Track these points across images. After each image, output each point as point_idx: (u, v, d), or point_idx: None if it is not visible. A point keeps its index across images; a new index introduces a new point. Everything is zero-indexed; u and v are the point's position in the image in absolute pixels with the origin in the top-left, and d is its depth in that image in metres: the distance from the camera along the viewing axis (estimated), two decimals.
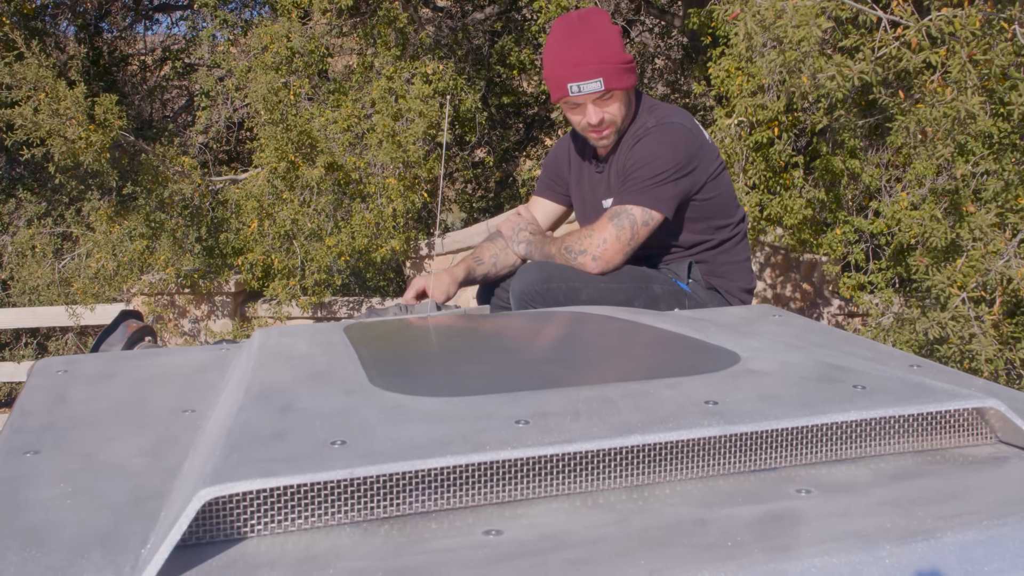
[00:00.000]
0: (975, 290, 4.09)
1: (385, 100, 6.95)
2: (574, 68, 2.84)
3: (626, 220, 2.84)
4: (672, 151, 2.88)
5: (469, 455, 1.08)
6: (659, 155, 2.87)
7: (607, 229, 2.84)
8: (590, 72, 2.83)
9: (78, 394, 1.57)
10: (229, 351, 1.84)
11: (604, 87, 2.84)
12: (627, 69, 2.88)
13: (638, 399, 1.25)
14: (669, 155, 2.87)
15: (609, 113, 2.90)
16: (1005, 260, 3.94)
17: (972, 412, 1.31)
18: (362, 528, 1.07)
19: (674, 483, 1.18)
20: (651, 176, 2.85)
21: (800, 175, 5.88)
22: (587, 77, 2.83)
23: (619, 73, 2.86)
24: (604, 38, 2.87)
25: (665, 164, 2.86)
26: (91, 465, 1.23)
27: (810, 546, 0.99)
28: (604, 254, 2.83)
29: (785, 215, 5.75)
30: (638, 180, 2.87)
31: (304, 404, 1.29)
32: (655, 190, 2.85)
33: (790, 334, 1.83)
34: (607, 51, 2.85)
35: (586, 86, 2.84)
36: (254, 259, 6.76)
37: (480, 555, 0.99)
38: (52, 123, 6.25)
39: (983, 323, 4.07)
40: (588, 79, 2.83)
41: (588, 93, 2.85)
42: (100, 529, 1.04)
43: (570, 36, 2.89)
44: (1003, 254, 3.98)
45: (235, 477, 1.02)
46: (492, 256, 3.17)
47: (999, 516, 1.07)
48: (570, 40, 2.88)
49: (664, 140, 2.90)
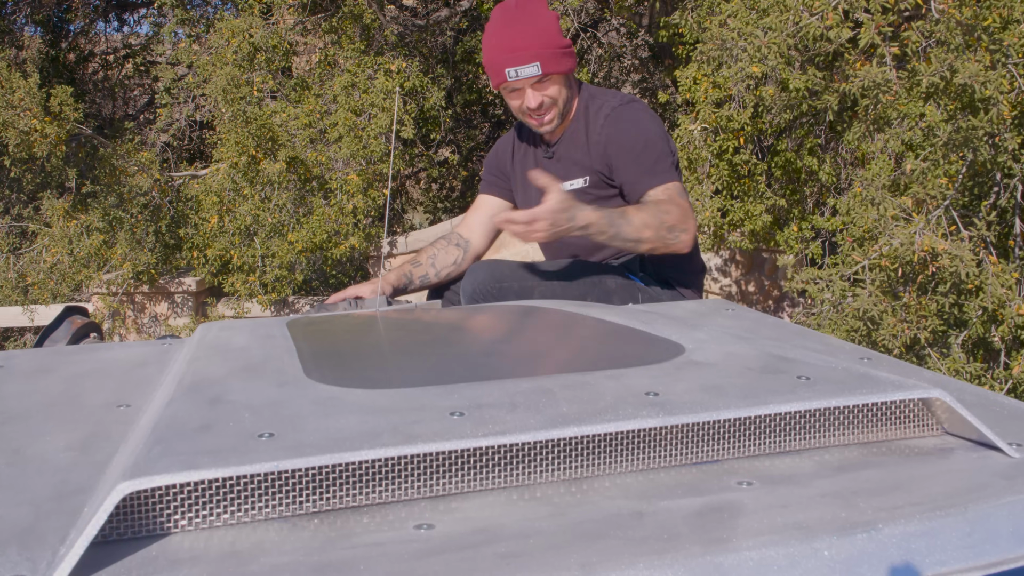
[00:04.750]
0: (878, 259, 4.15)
1: (347, 94, 6.91)
2: (511, 53, 2.84)
3: (687, 200, 2.87)
4: (657, 125, 2.94)
5: (400, 447, 1.05)
6: (655, 131, 2.92)
7: (689, 211, 2.80)
8: (527, 57, 2.83)
9: (11, 389, 1.53)
10: (171, 346, 1.80)
11: (541, 71, 2.85)
12: (565, 53, 2.89)
13: (577, 390, 1.23)
14: (658, 128, 2.93)
15: (548, 96, 2.90)
16: (909, 235, 3.99)
17: (917, 403, 1.29)
18: (290, 523, 1.04)
19: (613, 476, 1.15)
20: (661, 151, 2.89)
21: (763, 180, 5.92)
22: (524, 62, 2.84)
23: (556, 57, 2.86)
24: (540, 23, 2.87)
25: (662, 137, 2.92)
26: (17, 460, 1.19)
27: (748, 538, 0.97)
28: (695, 235, 2.85)
29: (747, 220, 5.79)
30: (652, 155, 2.88)
31: (235, 396, 1.25)
32: (674, 167, 2.91)
33: (740, 327, 1.82)
34: (543, 36, 2.85)
35: (523, 70, 2.84)
36: (212, 254, 6.70)
37: (410, 549, 0.97)
38: (6, 115, 6.16)
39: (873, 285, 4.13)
40: (525, 63, 2.84)
41: (525, 78, 2.85)
42: (19, 525, 1.01)
43: (507, 22, 2.89)
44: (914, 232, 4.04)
45: (156, 471, 0.99)
46: (430, 257, 3.13)
47: (941, 508, 1.05)
48: (507, 26, 2.88)
49: (645, 116, 2.94)
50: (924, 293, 4.33)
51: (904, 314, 4.20)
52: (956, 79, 3.80)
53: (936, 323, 4.20)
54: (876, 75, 4.01)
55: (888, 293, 4.22)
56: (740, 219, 5.84)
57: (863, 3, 4.12)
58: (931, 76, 3.90)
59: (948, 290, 4.17)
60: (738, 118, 5.50)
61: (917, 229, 3.99)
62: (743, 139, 5.74)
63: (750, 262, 7.09)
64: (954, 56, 3.87)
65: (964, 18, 3.87)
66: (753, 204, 5.76)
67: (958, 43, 3.93)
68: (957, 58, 3.86)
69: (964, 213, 4.40)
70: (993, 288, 3.87)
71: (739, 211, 5.80)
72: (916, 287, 4.30)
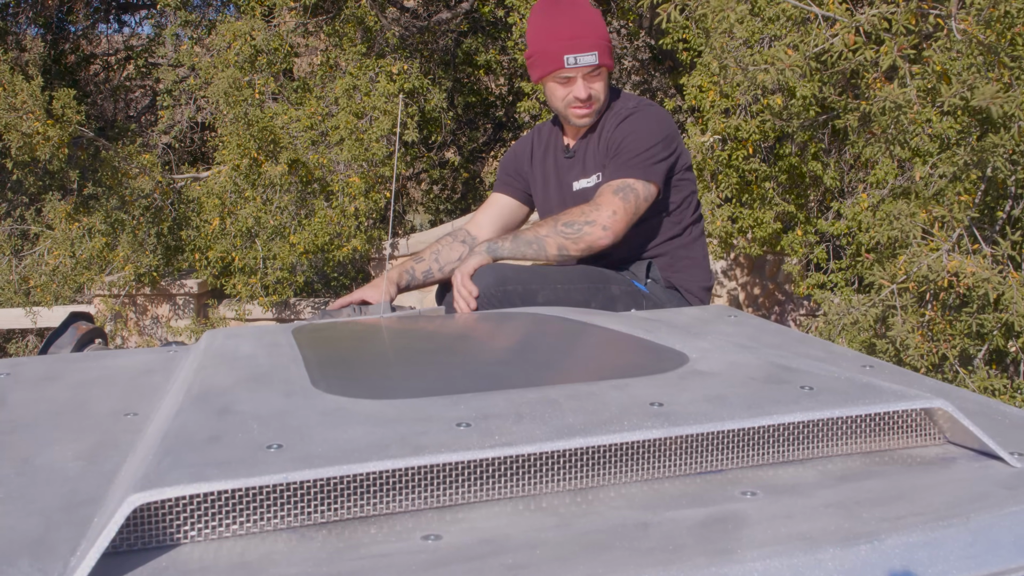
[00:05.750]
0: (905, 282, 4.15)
1: (349, 96, 6.91)
2: (572, 40, 2.87)
3: (631, 193, 2.84)
4: (659, 127, 2.93)
5: (407, 458, 1.06)
6: (649, 130, 2.91)
7: (614, 201, 2.81)
8: (588, 45, 2.86)
9: (18, 397, 1.54)
10: (177, 353, 1.81)
11: (599, 61, 2.88)
12: (613, 50, 2.95)
13: (583, 401, 1.24)
14: (657, 130, 2.92)
15: (595, 90, 2.93)
16: (937, 255, 3.99)
17: (920, 413, 1.30)
18: (299, 533, 1.05)
19: (618, 486, 1.16)
20: (644, 149, 2.88)
21: (771, 187, 5.92)
22: (585, 49, 2.86)
23: (609, 51, 2.92)
24: (597, 16, 2.93)
25: (655, 138, 2.90)
26: (26, 470, 1.20)
27: (752, 549, 0.98)
28: (615, 224, 2.80)
29: (756, 227, 5.79)
30: (630, 153, 2.88)
31: (243, 406, 1.26)
32: (650, 164, 2.87)
33: (743, 334, 1.82)
34: (602, 28, 2.90)
35: (583, 58, 2.86)
36: (214, 256, 6.70)
37: (417, 560, 0.98)
38: (8, 117, 6.16)
39: (906, 312, 4.12)
40: (585, 51, 2.86)
41: (583, 66, 2.88)
42: (29, 536, 1.01)
43: (562, 11, 2.92)
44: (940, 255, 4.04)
45: (166, 482, 1.00)
46: (433, 252, 3.13)
47: (944, 518, 1.06)
48: (563, 15, 2.91)
49: (651, 117, 2.95)
50: (946, 310, 4.34)
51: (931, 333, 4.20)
52: (973, 101, 3.79)
53: (966, 342, 4.19)
54: (898, 96, 3.99)
55: (915, 314, 4.21)
56: (749, 226, 5.84)
57: (883, 25, 4.11)
58: (951, 98, 3.89)
59: (975, 310, 4.17)
60: (746, 127, 5.51)
61: (943, 251, 3.99)
62: (751, 147, 5.74)
63: (751, 264, 7.09)
64: (974, 76, 3.86)
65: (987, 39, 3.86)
66: (763, 211, 5.77)
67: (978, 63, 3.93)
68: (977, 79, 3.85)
69: (980, 226, 4.39)
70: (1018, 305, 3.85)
71: (748, 218, 5.81)
72: (939, 304, 4.30)
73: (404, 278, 3.08)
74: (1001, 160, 3.96)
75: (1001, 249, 4.05)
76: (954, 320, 4.24)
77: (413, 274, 3.09)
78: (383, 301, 2.76)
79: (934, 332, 4.20)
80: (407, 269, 3.09)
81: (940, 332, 4.20)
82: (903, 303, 4.16)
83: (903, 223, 4.08)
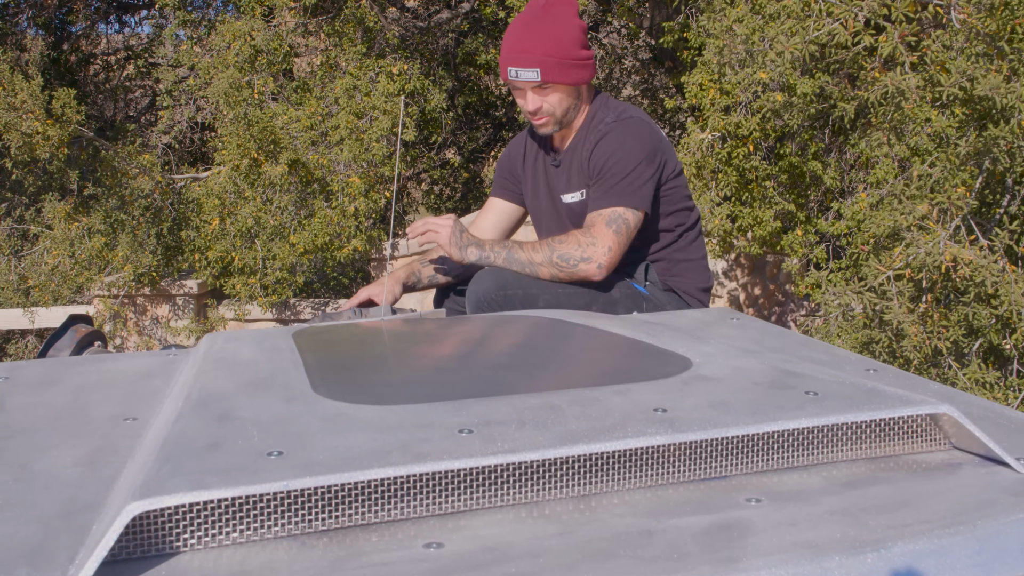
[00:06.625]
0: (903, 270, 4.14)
1: (349, 96, 6.90)
2: (515, 54, 2.84)
3: (623, 225, 2.81)
4: (639, 145, 2.87)
5: (409, 466, 1.05)
6: (630, 151, 2.85)
7: (608, 235, 2.78)
8: (529, 60, 2.82)
9: (17, 401, 1.53)
10: (176, 357, 1.80)
11: (540, 78, 2.83)
12: (574, 65, 2.85)
13: (585, 406, 1.23)
14: (638, 149, 2.86)
15: (548, 103, 2.89)
16: (935, 242, 3.98)
17: (925, 418, 1.29)
18: (299, 541, 1.04)
19: (621, 493, 1.15)
20: (627, 173, 2.83)
21: (771, 185, 5.91)
22: (524, 65, 2.83)
23: (561, 67, 2.83)
24: (557, 30, 2.84)
25: (637, 158, 2.84)
26: (24, 476, 1.19)
27: (757, 558, 0.97)
28: (610, 262, 2.78)
29: (756, 226, 5.78)
30: (615, 178, 2.84)
31: (243, 412, 1.25)
32: (637, 189, 2.83)
33: (746, 338, 1.81)
34: (554, 43, 2.82)
35: (523, 73, 2.84)
36: (214, 256, 6.69)
37: (419, 568, 0.97)
38: (8, 117, 6.15)
39: (903, 296, 4.12)
40: (525, 67, 2.83)
41: (525, 81, 2.85)
42: (28, 543, 1.00)
43: (525, 22, 2.87)
44: (938, 241, 4.03)
45: (165, 490, 0.99)
46: (441, 257, 3.13)
47: (950, 525, 1.05)
48: (523, 25, 2.87)
49: (628, 135, 2.88)
50: (940, 302, 4.33)
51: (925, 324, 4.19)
52: (976, 91, 3.78)
53: (959, 333, 4.18)
54: (899, 82, 3.98)
55: (912, 302, 4.20)
56: (749, 224, 5.83)
57: (883, 11, 4.10)
58: (951, 87, 3.89)
59: (971, 300, 4.16)
60: (747, 124, 5.49)
61: (940, 239, 3.98)
62: (752, 145, 5.72)
63: (752, 264, 7.08)
64: (973, 67, 3.85)
65: (988, 30, 3.85)
66: (762, 210, 5.75)
67: (978, 53, 3.92)
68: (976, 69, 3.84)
69: (978, 220, 4.39)
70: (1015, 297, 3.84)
71: (748, 217, 5.79)
72: (934, 297, 4.29)
73: (411, 279, 3.08)
74: (1001, 152, 3.95)
75: (998, 241, 4.05)
76: (948, 312, 4.23)
77: (419, 276, 3.10)
78: (384, 304, 2.75)
79: (928, 325, 4.20)
80: (414, 271, 3.10)
81: (935, 325, 4.19)
82: (899, 288, 4.16)
83: (904, 207, 4.08)
